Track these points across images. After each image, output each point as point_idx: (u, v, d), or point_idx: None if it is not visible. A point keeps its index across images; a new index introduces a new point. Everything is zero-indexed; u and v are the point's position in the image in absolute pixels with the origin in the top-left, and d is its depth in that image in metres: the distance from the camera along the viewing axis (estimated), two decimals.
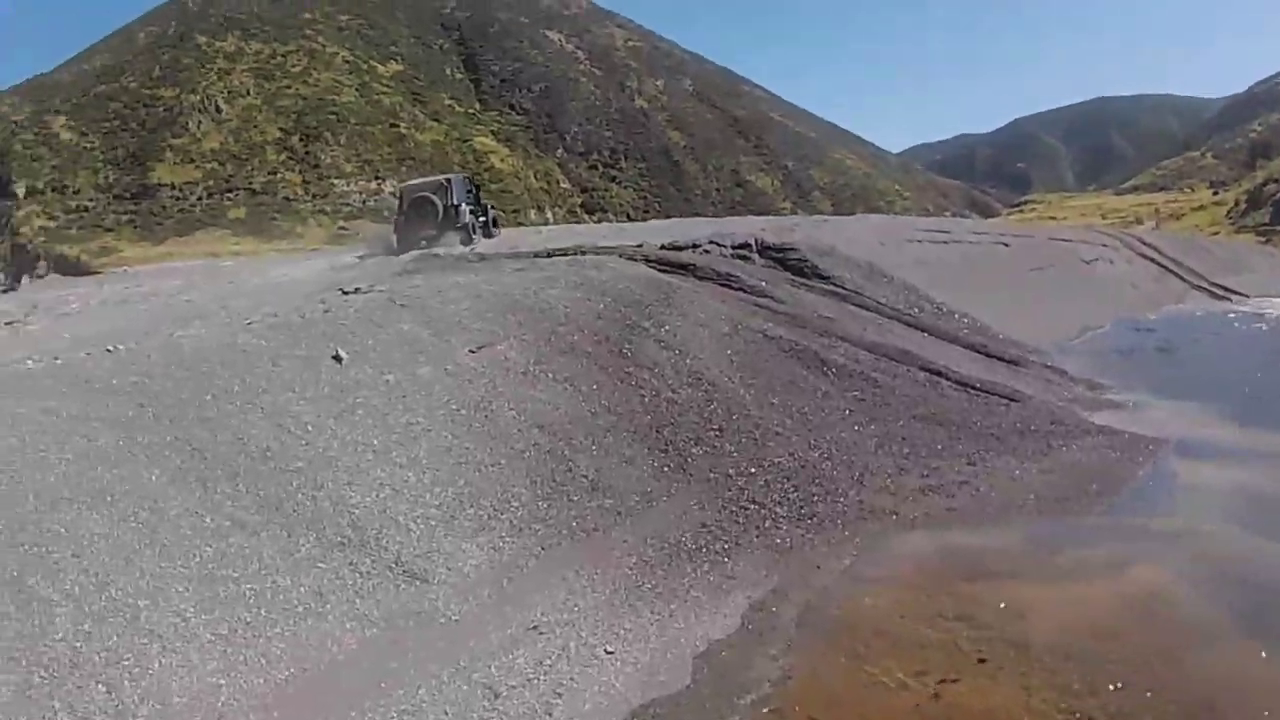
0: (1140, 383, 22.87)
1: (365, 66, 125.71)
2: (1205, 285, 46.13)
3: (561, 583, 11.58)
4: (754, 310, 21.15)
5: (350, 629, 10.05)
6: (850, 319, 22.53)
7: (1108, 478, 15.98)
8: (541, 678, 9.92)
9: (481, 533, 11.99)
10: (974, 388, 19.82)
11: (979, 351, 23.23)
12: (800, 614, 11.55)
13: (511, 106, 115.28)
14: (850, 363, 19.48)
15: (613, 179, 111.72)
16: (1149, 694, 9.66)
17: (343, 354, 13.97)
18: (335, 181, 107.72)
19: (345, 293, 18.37)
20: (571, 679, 9.99)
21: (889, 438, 16.94)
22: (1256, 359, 28.16)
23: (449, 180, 34.89)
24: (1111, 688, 9.72)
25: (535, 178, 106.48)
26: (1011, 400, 19.53)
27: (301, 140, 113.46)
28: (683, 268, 23.02)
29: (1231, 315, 38.50)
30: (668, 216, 69.11)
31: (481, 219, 35.69)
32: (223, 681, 8.96)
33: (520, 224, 74.86)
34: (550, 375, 15.95)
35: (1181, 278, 46.46)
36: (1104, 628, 10.89)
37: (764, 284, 23.09)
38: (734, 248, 25.87)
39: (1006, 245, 39.98)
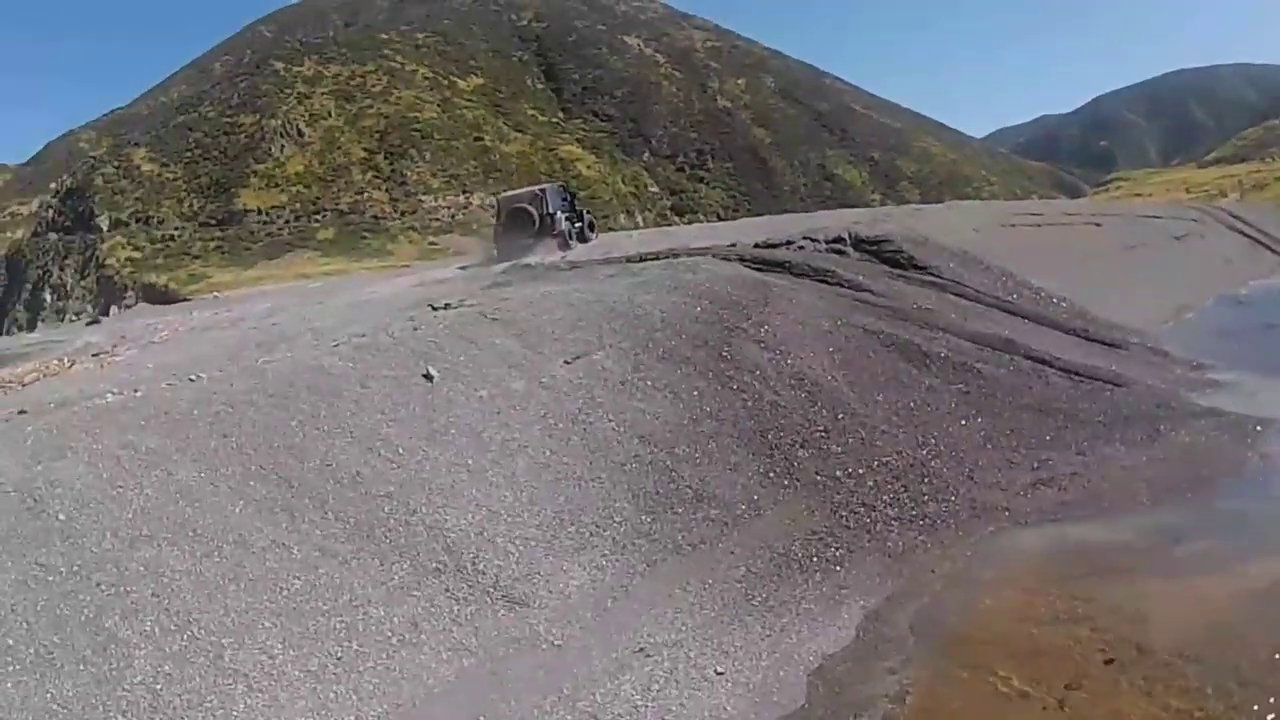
0: (1244, 362, 21.85)
1: (446, 82, 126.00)
2: None
3: (668, 600, 10.95)
4: (853, 305, 20.35)
5: (447, 659, 9.50)
6: (950, 308, 21.65)
7: (1219, 462, 15.27)
8: (649, 704, 9.30)
9: (583, 551, 11.37)
10: (1078, 374, 19.07)
11: (1079, 336, 22.39)
12: (915, 623, 10.93)
13: (595, 113, 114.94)
14: (953, 354, 18.72)
15: (701, 180, 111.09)
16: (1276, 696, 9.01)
17: (433, 372, 13.38)
18: (423, 198, 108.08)
19: (435, 309, 17.82)
20: (680, 704, 9.36)
21: (996, 430, 16.26)
22: None
23: (544, 190, 35.73)
24: (1238, 690, 9.11)
25: (623, 182, 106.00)
26: (1116, 385, 18.79)
27: (386, 158, 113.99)
28: (778, 265, 22.30)
29: None
30: (757, 214, 68.30)
31: (577, 225, 36.76)
32: None
33: (610, 229, 74.09)
34: (649, 383, 15.26)
35: (1273, 250, 45.53)
36: (1228, 625, 10.37)
37: (861, 278, 22.24)
38: (828, 242, 25.02)
39: (1099, 225, 39.24)
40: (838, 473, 14.17)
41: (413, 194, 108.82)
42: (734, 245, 24.42)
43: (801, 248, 24.41)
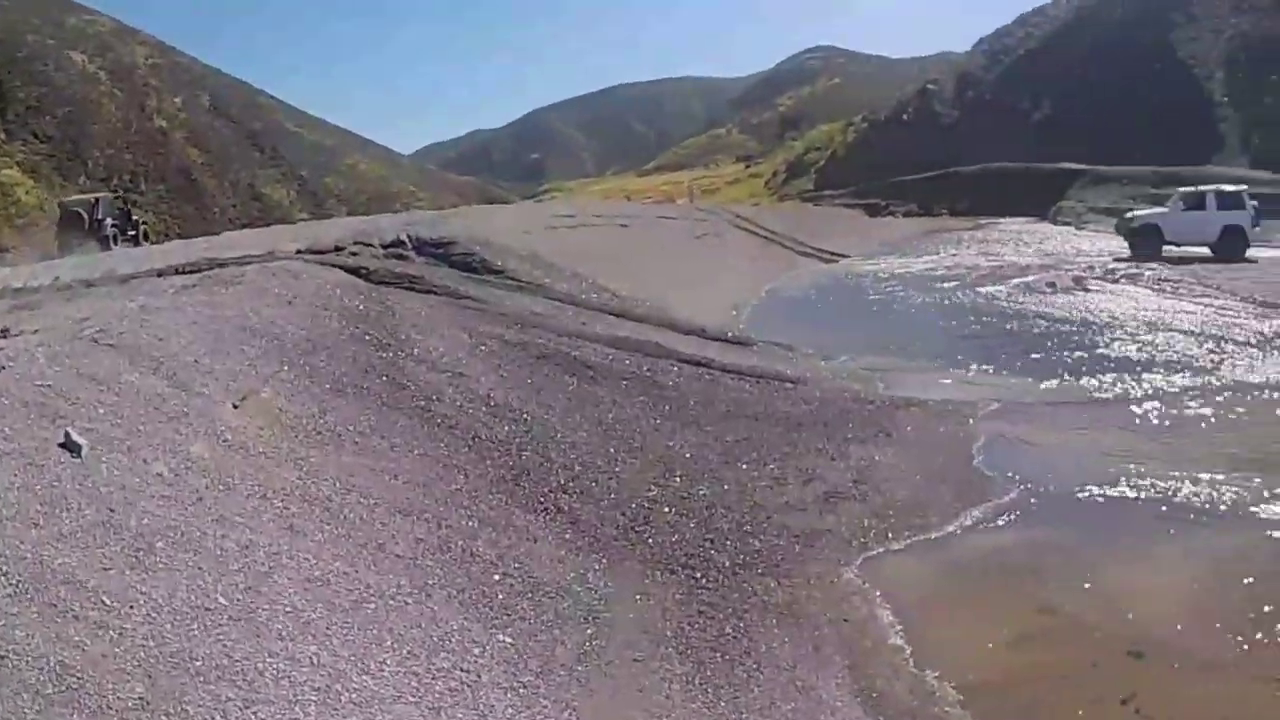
0: (852, 349, 22.19)
1: None
2: (812, 251, 47.83)
3: None
4: (474, 315, 17.54)
5: None
6: (560, 314, 19.27)
7: (985, 453, 14.29)
8: None
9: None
10: (746, 374, 17.54)
11: (701, 336, 20.76)
12: (935, 689, 8.28)
13: (36, 134, 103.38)
14: (608, 362, 16.63)
15: (134, 203, 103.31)
16: None
17: (78, 439, 7.48)
18: None
19: None
20: None
21: (722, 442, 14.17)
22: (932, 313, 29.82)
23: (98, 199, 42.74)
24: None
25: (59, 208, 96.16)
26: (790, 383, 17.52)
27: None
28: (354, 272, 18.33)
29: (854, 275, 41.61)
30: (188, 237, 61.42)
31: (131, 233, 42.58)
32: None
33: (47, 257, 66.33)
34: (351, 429, 10.76)
35: (786, 246, 47.37)
36: (1213, 610, 9.51)
37: (451, 284, 19.28)
38: (385, 246, 21.41)
39: (625, 226, 39.35)
40: (620, 520, 11.08)
41: None
42: (271, 253, 19.87)
43: (355, 253, 20.50)
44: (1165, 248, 39.76)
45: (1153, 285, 31.47)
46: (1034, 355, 21.61)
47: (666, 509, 11.47)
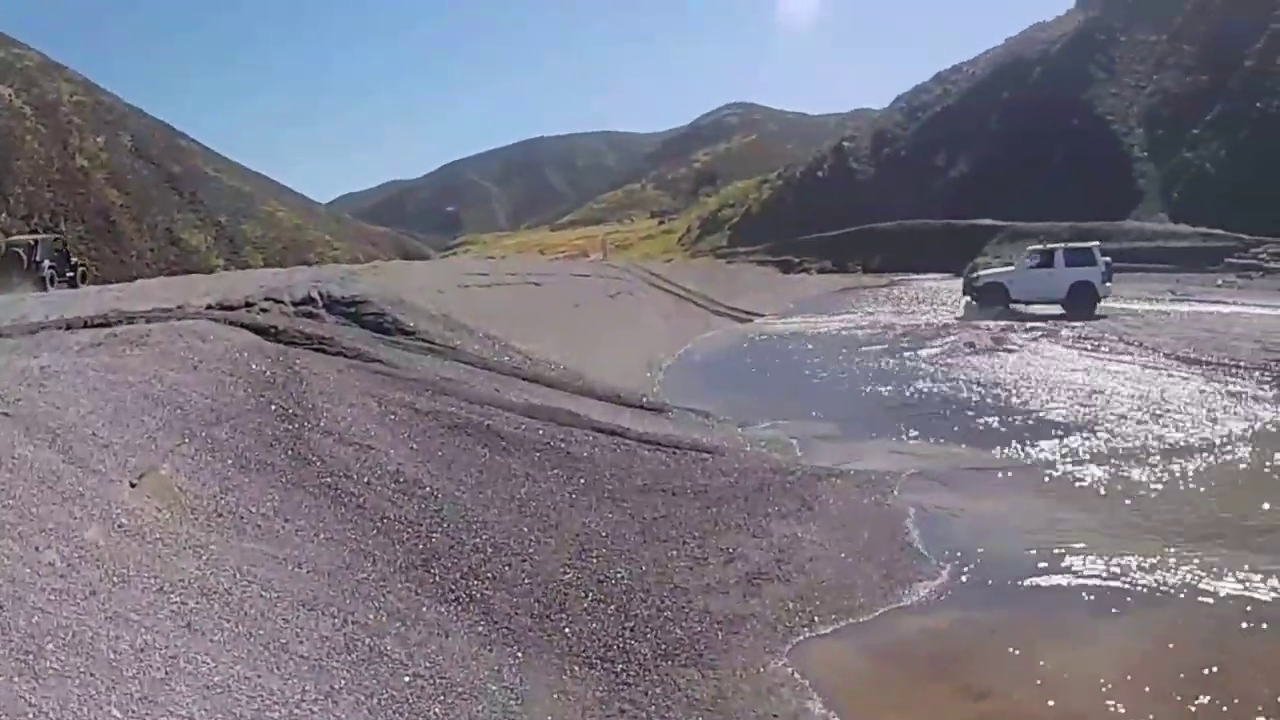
0: (770, 414, 22.50)
1: None
2: (725, 310, 47.60)
3: None
4: (382, 380, 17.00)
5: None
6: (474, 379, 18.96)
7: (915, 527, 13.96)
8: None
9: None
10: (662, 445, 17.14)
11: (615, 402, 20.76)
12: None
13: None
14: (521, 431, 16.08)
15: (68, 244, 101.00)
16: None
17: None
18: None
19: None
20: None
21: (639, 518, 13.77)
22: (851, 375, 29.44)
23: (37, 240, 43.38)
24: None
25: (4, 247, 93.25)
26: (705, 453, 17.08)
27: None
28: (262, 332, 17.96)
29: (769, 336, 41.97)
30: (106, 281, 59.85)
31: (69, 274, 42.94)
32: None
33: None
34: (254, 510, 10.25)
35: (700, 305, 47.24)
36: (1150, 683, 9.24)
37: (362, 346, 18.87)
38: (296, 303, 21.07)
39: (538, 285, 39.00)
40: (535, 609, 10.65)
41: None
42: (181, 307, 19.65)
43: (265, 310, 20.32)
44: (1014, 306, 40.67)
45: (1073, 344, 31.95)
46: (958, 420, 21.53)
47: (583, 593, 11.07)
